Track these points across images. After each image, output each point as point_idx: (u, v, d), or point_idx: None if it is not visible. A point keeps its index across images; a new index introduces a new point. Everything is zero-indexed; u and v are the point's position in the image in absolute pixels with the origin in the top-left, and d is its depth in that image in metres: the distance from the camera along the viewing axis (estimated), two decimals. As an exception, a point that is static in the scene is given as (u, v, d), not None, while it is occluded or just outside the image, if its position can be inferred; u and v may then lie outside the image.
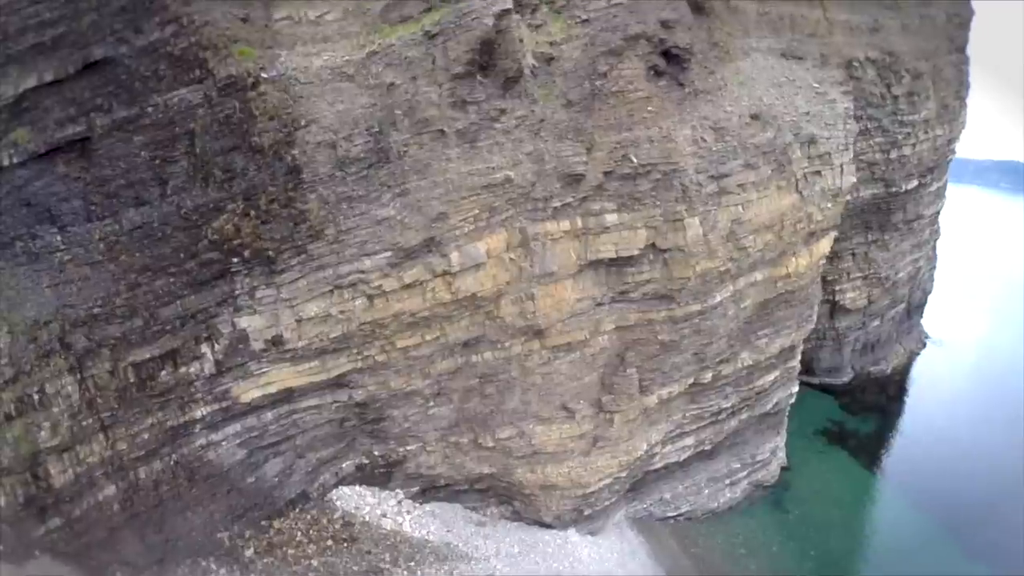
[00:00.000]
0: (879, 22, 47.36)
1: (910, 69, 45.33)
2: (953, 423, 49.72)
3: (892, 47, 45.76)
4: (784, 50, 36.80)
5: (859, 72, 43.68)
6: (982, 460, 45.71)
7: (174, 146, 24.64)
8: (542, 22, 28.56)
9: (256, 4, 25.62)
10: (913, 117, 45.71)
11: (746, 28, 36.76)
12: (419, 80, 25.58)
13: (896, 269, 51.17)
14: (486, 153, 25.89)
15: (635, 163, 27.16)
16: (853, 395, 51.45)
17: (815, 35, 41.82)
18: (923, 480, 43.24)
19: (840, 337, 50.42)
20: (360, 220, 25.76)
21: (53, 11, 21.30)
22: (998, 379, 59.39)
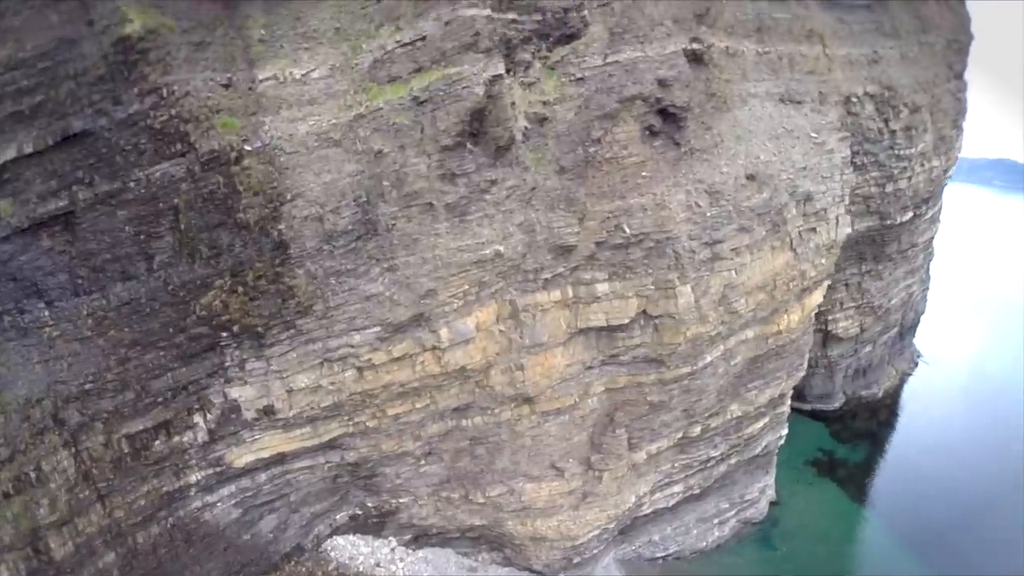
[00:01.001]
0: (878, 53, 45.53)
1: (908, 103, 43.53)
2: (942, 451, 48.93)
3: (891, 80, 43.97)
4: (782, 94, 35.09)
5: (857, 108, 41.95)
6: (971, 491, 45.01)
7: (158, 221, 23.62)
8: (535, 80, 27.06)
9: (240, 64, 24.31)
10: (910, 151, 44.03)
11: (744, 71, 35.04)
12: (407, 150, 24.23)
13: (889, 297, 49.86)
14: (476, 227, 24.65)
15: (628, 233, 25.81)
16: (844, 421, 50.50)
17: (814, 72, 40.04)
18: (911, 513, 42.65)
19: (832, 365, 49.28)
20: (348, 296, 24.69)
21: (30, 78, 20.49)
22: (990, 399, 58.33)
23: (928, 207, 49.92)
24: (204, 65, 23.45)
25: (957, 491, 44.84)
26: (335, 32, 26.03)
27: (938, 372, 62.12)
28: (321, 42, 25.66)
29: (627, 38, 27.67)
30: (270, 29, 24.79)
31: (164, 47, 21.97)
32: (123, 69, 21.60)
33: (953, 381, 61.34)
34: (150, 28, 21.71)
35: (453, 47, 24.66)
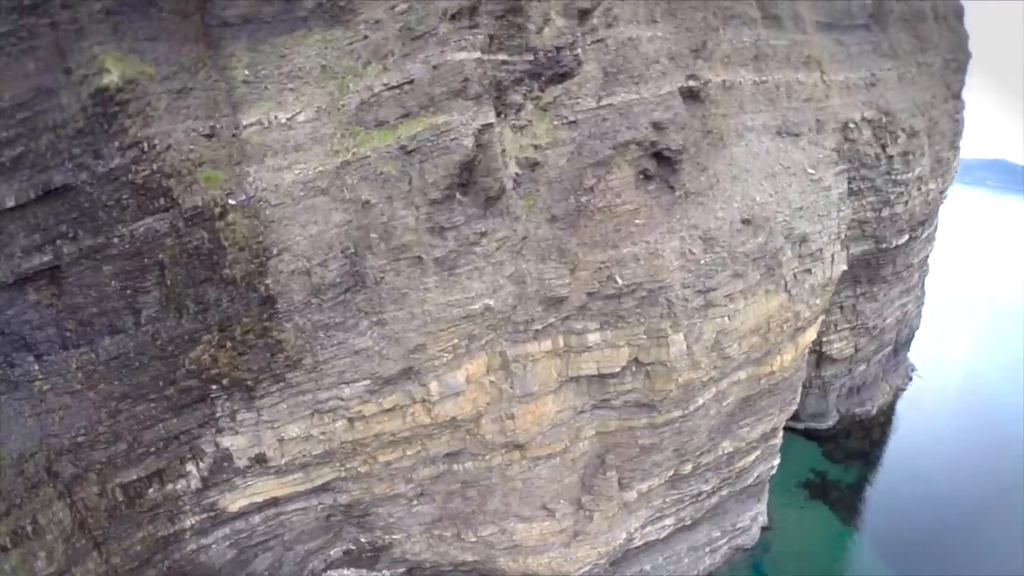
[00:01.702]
0: (876, 76, 44.28)
1: (906, 128, 42.34)
2: (934, 472, 48.41)
3: (889, 105, 42.74)
4: (779, 126, 33.98)
5: (855, 134, 40.80)
6: (962, 513, 44.38)
7: (144, 276, 22.89)
8: (527, 123, 26.02)
9: (224, 109, 23.23)
10: (907, 176, 42.88)
11: (741, 103, 33.92)
12: (395, 201, 23.32)
13: (884, 317, 48.89)
14: (465, 280, 23.80)
15: (620, 284, 24.88)
16: (837, 441, 49.79)
17: (811, 99, 38.88)
18: (901, 537, 42.18)
19: (825, 385, 48.42)
20: (338, 350, 23.95)
21: (9, 129, 19.54)
22: (984, 413, 57.56)
23: (924, 228, 48.72)
24: (186, 114, 22.42)
25: (948, 513, 44.30)
26: (321, 70, 24.82)
27: (932, 385, 61.41)
28: (307, 81, 24.48)
29: (621, 78, 26.57)
30: (254, 69, 23.67)
31: (144, 97, 21.08)
32: (102, 122, 20.70)
33: (947, 394, 60.72)
34: (128, 78, 20.81)
35: (442, 92, 23.64)
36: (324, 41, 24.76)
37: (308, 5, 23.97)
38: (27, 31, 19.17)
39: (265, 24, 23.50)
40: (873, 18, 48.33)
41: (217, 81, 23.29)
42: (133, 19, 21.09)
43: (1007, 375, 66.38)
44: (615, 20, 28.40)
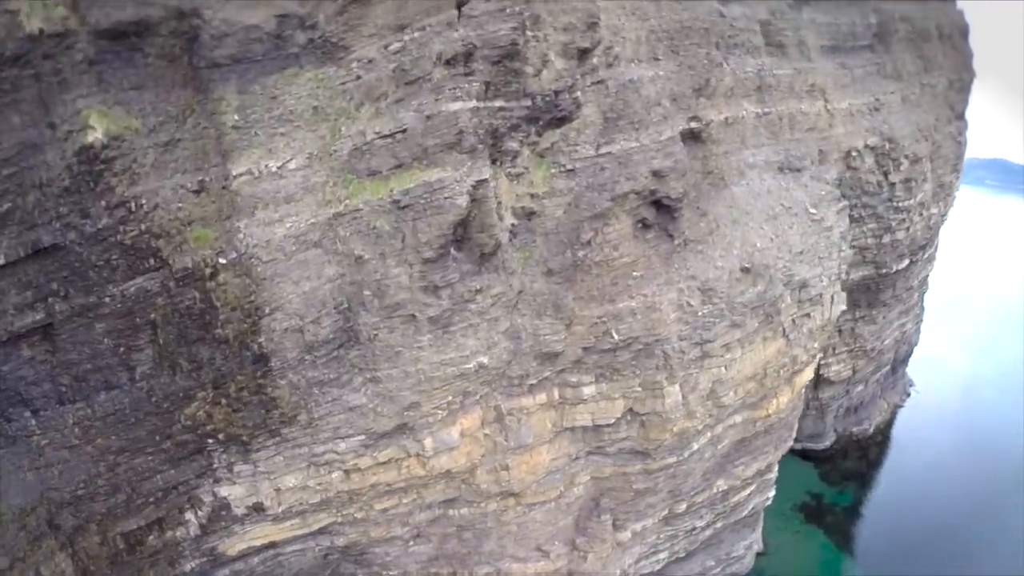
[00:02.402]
0: (880, 100, 43.08)
1: (909, 155, 41.20)
2: (930, 494, 47.67)
3: (892, 131, 41.55)
4: (781, 162, 32.93)
5: (857, 162, 39.73)
6: (958, 535, 43.55)
7: (137, 335, 22.25)
8: (523, 170, 25.09)
9: (213, 159, 22.18)
10: (909, 202, 41.82)
11: (743, 138, 32.87)
12: (388, 259, 22.51)
13: (882, 339, 47.98)
14: (460, 338, 23.05)
15: (616, 339, 24.03)
16: (833, 461, 49.10)
17: (814, 129, 37.81)
18: (897, 562, 41.11)
19: (823, 407, 47.63)
20: (332, 407, 23.38)
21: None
22: (982, 429, 56.55)
23: (924, 251, 47.57)
24: (174, 167, 21.45)
25: (943, 537, 43.71)
26: (313, 112, 23.69)
27: (929, 399, 60.43)
28: (298, 125, 23.38)
29: (621, 124, 25.59)
30: (244, 113, 22.55)
31: (130, 154, 20.21)
32: (88, 180, 19.85)
33: (945, 409, 59.90)
34: (113, 134, 19.88)
35: (435, 144, 22.72)
36: (316, 80, 23.71)
37: (300, 41, 22.86)
38: (10, 84, 18.35)
39: (255, 63, 22.36)
40: (877, 38, 47.05)
41: (206, 128, 22.22)
42: (117, 67, 20.18)
43: (1007, 384, 65.26)
44: (616, 59, 27.38)
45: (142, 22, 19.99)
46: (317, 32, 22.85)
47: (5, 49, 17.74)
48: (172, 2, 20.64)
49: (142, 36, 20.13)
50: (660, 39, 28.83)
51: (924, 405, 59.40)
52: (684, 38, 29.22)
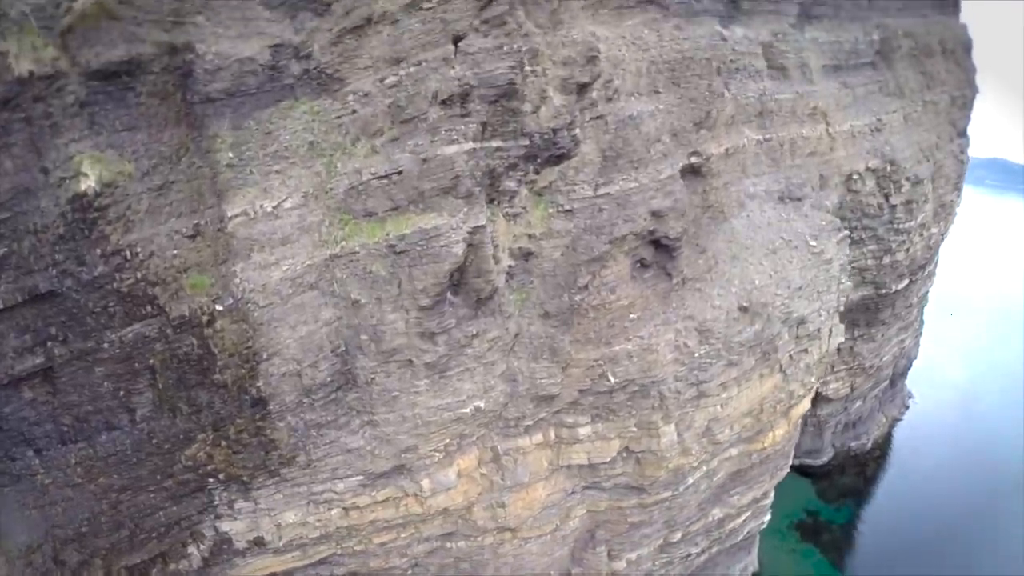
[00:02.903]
0: (882, 121, 42.45)
1: (910, 177, 40.65)
2: (927, 511, 47.22)
3: (893, 153, 41.00)
4: (782, 191, 32.46)
5: (858, 185, 39.22)
6: (954, 552, 43.15)
7: (136, 379, 22.17)
8: (521, 210, 24.70)
9: (208, 200, 21.79)
10: (909, 224, 41.28)
11: (744, 167, 32.36)
12: (384, 304, 22.23)
13: (881, 356, 47.59)
14: (456, 382, 22.81)
15: (612, 382, 23.67)
16: (831, 478, 48.80)
17: (815, 153, 37.28)
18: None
19: (821, 423, 47.31)
20: (330, 448, 23.26)
21: None
22: (981, 441, 55.97)
23: (924, 270, 46.98)
24: (168, 212, 20.98)
25: (941, 554, 43.35)
26: (308, 147, 23.21)
27: (928, 409, 59.90)
28: (294, 161, 22.93)
29: (620, 163, 25.14)
30: (239, 150, 22.05)
31: (124, 200, 19.83)
32: (83, 228, 19.52)
33: (943, 420, 59.50)
34: (106, 181, 19.44)
35: (431, 188, 22.35)
36: (311, 113, 23.27)
37: (295, 71, 22.46)
38: (1, 128, 17.99)
39: (250, 96, 21.85)
40: (880, 55, 46.33)
41: (201, 167, 21.72)
42: (109, 108, 19.65)
43: (1006, 384, 64.56)
44: (615, 93, 26.89)
45: (134, 60, 19.49)
46: (312, 62, 22.51)
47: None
48: (164, 37, 20.19)
49: (134, 75, 19.66)
50: (661, 70, 28.29)
51: (923, 416, 59.06)
52: (685, 69, 28.66)
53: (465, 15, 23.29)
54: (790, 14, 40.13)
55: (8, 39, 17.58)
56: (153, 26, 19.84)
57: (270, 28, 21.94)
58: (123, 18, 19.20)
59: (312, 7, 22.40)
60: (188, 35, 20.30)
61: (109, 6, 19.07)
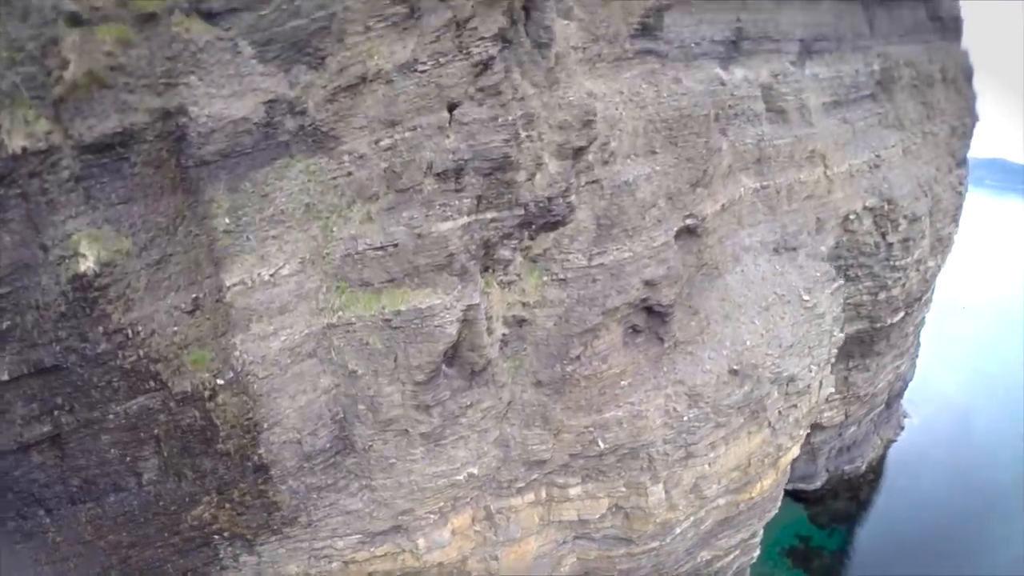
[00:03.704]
0: (880, 156, 42.00)
1: (908, 215, 40.33)
2: (920, 537, 46.96)
3: (891, 190, 40.63)
4: (777, 242, 32.27)
5: (855, 225, 38.99)
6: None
7: (142, 447, 22.68)
8: (516, 277, 24.83)
9: (206, 269, 21.74)
10: (906, 260, 41.02)
11: (740, 218, 32.23)
12: (381, 377, 22.60)
13: (876, 383, 47.43)
14: (451, 450, 23.25)
15: (602, 448, 23.88)
16: (824, 502, 48.88)
17: (812, 196, 37.02)
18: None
19: (815, 450, 47.40)
20: (330, 510, 23.86)
21: None
22: (976, 459, 55.51)
23: (920, 301, 46.64)
24: (167, 286, 20.86)
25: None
26: (305, 210, 22.99)
27: (924, 428, 59.48)
28: (290, 225, 22.76)
29: (615, 232, 25.14)
30: (235, 215, 21.79)
31: (123, 279, 19.75)
32: (84, 307, 19.51)
33: (938, 439, 58.84)
34: (105, 261, 19.29)
35: (426, 264, 22.52)
36: (307, 172, 22.99)
37: (290, 128, 22.23)
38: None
39: (245, 156, 21.51)
40: (880, 85, 45.78)
41: (198, 235, 21.42)
42: (104, 181, 19.32)
43: (1005, 408, 64.04)
44: (612, 156, 26.81)
45: (127, 131, 19.10)
46: (307, 119, 22.26)
47: None
48: (156, 103, 19.65)
49: (128, 145, 19.25)
50: (658, 129, 28.12)
51: (919, 435, 58.86)
52: (683, 127, 28.47)
53: (460, 81, 23.16)
54: (791, 52, 39.66)
55: (0, 113, 17.29)
56: (145, 91, 19.42)
57: (264, 83, 21.55)
58: (115, 85, 18.76)
59: (306, 60, 22.11)
60: (181, 97, 19.89)
61: (100, 74, 18.75)
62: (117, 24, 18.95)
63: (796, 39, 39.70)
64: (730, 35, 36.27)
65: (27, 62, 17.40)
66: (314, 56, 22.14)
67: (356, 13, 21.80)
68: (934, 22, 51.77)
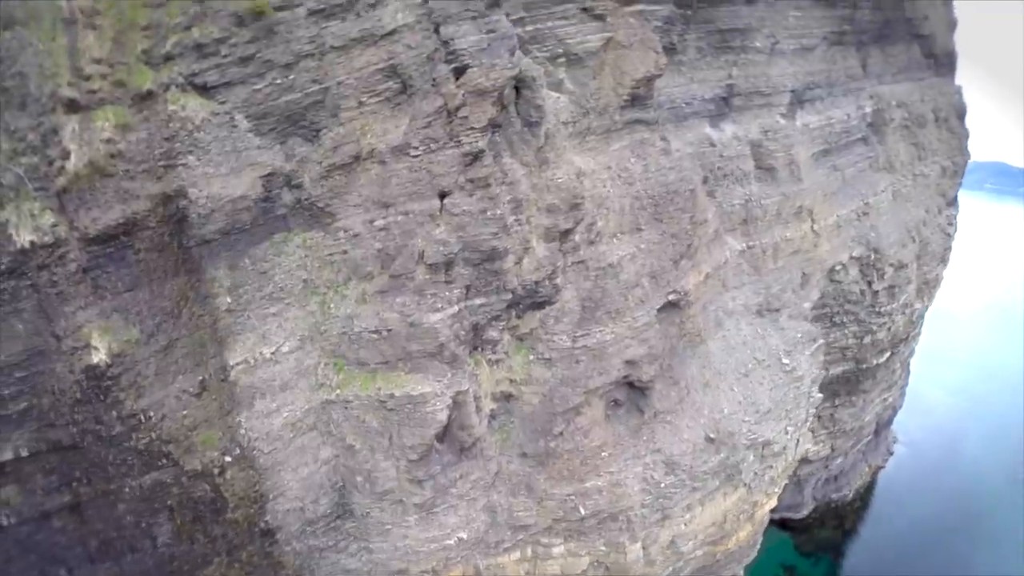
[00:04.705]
0: (869, 204, 42.60)
1: (894, 263, 40.95)
2: (905, 561, 47.67)
3: (879, 239, 41.24)
4: (761, 304, 33.31)
5: (841, 275, 39.80)
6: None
7: (156, 516, 24.45)
8: (503, 355, 26.24)
9: (210, 350, 23.14)
10: (892, 306, 41.82)
11: (724, 281, 33.22)
12: (377, 453, 24.33)
13: (863, 417, 48.18)
14: (442, 517, 24.91)
15: (583, 514, 25.27)
16: (810, 531, 49.84)
17: (799, 252, 37.88)
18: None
19: (801, 481, 48.43)
20: (332, 568, 26.03)
21: (10, 387, 19.60)
22: (965, 485, 56.04)
23: (906, 341, 47.28)
24: (175, 370, 22.29)
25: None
26: (303, 286, 24.36)
27: (913, 457, 59.91)
28: (289, 302, 24.09)
29: (598, 315, 26.43)
30: (236, 294, 22.96)
31: (133, 368, 21.09)
32: (98, 394, 21.00)
33: (927, 466, 59.36)
34: (116, 353, 20.57)
35: (418, 351, 23.96)
36: (305, 247, 24.23)
37: (287, 201, 23.47)
38: (9, 294, 18.82)
39: (244, 232, 22.65)
40: (872, 127, 46.12)
41: (201, 316, 22.69)
42: (110, 271, 20.32)
43: (995, 432, 64.28)
44: (598, 236, 27.83)
45: (130, 220, 20.03)
46: (303, 192, 23.40)
47: (0, 264, 18.13)
48: (156, 188, 20.44)
49: (131, 233, 20.27)
50: (644, 206, 29.06)
51: (908, 461, 59.45)
52: (668, 203, 29.39)
53: (450, 170, 24.21)
54: (782, 104, 39.99)
55: (6, 207, 18.06)
56: (145, 177, 20.07)
57: (261, 156, 22.42)
58: (115, 174, 19.44)
59: (301, 133, 23.22)
60: (180, 179, 20.62)
61: (101, 164, 19.42)
62: (115, 106, 19.66)
63: (787, 90, 39.99)
64: (721, 92, 36.84)
65: (29, 152, 18.18)
66: (309, 129, 23.26)
67: (349, 88, 23.05)
68: (928, 59, 51.57)
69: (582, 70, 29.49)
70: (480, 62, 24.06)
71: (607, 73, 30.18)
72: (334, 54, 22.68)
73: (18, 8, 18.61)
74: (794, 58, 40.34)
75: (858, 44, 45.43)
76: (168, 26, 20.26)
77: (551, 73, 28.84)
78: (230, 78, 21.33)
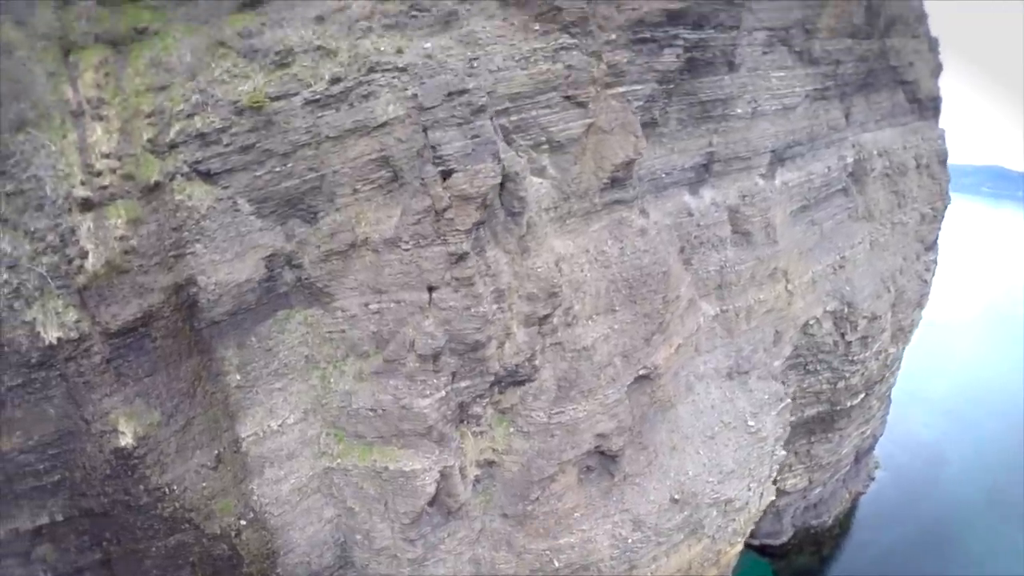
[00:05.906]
0: (845, 257, 44.27)
1: (867, 315, 42.77)
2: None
3: (853, 293, 43.24)
4: (731, 367, 35.74)
5: (814, 329, 41.86)
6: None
7: (179, 570, 27.51)
8: (487, 428, 29.06)
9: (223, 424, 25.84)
10: (865, 355, 43.79)
11: (697, 346, 35.69)
12: (374, 516, 27.53)
13: (840, 451, 50.31)
14: (432, 569, 28.27)
15: (557, 567, 28.34)
16: (789, 558, 52.05)
17: (772, 311, 39.97)
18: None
19: (780, 511, 50.78)
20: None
21: (44, 462, 21.78)
22: (941, 513, 57.60)
23: (883, 382, 49.25)
24: (193, 446, 25.04)
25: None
26: (305, 361, 26.93)
27: (894, 482, 61.54)
28: (293, 377, 26.62)
29: (572, 394, 29.10)
30: (245, 371, 25.17)
31: (156, 448, 23.59)
32: (126, 471, 23.43)
33: (908, 490, 60.75)
34: (141, 436, 22.75)
35: (409, 430, 26.79)
36: (306, 324, 26.81)
37: (288, 279, 25.82)
38: (40, 383, 20.60)
39: (250, 311, 24.68)
40: (852, 177, 47.39)
41: (214, 393, 25.15)
42: (131, 360, 22.19)
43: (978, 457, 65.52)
44: (574, 319, 30.34)
45: (147, 313, 21.68)
46: (303, 272, 25.85)
47: (31, 358, 20.00)
48: (168, 279, 22.11)
49: (148, 324, 22.03)
50: (619, 288, 31.50)
51: (888, 485, 60.97)
52: (642, 286, 31.71)
53: (437, 267, 26.68)
54: (761, 166, 41.41)
55: (33, 306, 19.44)
56: (158, 269, 21.82)
57: (263, 238, 24.49)
58: (131, 270, 21.08)
59: (300, 215, 25.37)
60: (190, 268, 22.46)
61: (117, 262, 20.97)
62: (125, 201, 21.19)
63: (768, 151, 41.26)
64: (701, 160, 38.66)
65: (49, 252, 19.82)
66: (308, 211, 25.64)
67: (344, 176, 25.15)
68: (912, 104, 52.55)
69: (564, 156, 31.39)
70: (465, 168, 26.06)
71: (588, 157, 32.20)
72: (329, 143, 24.20)
73: (29, 109, 19.42)
74: (775, 118, 41.61)
75: (841, 96, 46.64)
76: (172, 113, 21.36)
77: (534, 160, 30.96)
78: (232, 165, 22.80)
